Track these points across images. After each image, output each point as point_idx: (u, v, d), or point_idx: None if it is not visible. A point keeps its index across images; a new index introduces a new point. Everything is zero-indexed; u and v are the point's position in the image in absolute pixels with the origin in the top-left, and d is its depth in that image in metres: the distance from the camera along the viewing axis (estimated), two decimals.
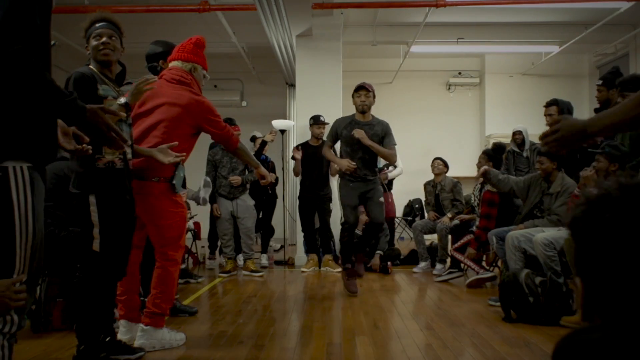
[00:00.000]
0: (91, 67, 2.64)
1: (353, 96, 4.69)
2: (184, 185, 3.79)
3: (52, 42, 2.51)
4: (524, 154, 5.82)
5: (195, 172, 5.46)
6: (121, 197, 2.61)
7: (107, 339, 2.65)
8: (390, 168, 6.77)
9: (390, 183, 6.99)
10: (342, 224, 4.65)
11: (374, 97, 4.67)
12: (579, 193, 3.89)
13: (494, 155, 5.33)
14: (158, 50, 3.58)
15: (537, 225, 4.21)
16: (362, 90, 4.61)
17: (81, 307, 2.58)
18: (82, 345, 2.56)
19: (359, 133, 4.46)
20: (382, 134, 4.61)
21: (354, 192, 4.57)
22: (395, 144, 4.70)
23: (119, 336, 3.06)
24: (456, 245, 5.23)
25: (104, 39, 2.62)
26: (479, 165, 5.37)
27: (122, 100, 2.60)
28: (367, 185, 4.58)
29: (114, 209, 2.57)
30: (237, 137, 3.37)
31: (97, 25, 2.63)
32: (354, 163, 4.47)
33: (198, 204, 5.43)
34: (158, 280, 2.99)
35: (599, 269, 0.85)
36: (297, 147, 6.28)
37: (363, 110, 4.60)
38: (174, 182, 2.97)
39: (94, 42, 2.62)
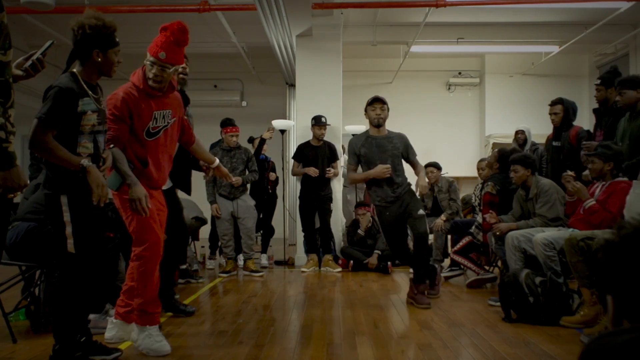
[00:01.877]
0: (76, 72, 2.56)
1: (366, 110, 4.37)
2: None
3: (51, 41, 2.50)
4: None
5: (195, 173, 5.44)
6: (91, 198, 2.57)
7: (82, 339, 2.63)
8: None
9: None
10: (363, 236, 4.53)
11: (389, 110, 4.40)
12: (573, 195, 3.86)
13: (502, 159, 5.20)
14: None
15: (530, 226, 4.22)
16: (377, 103, 4.31)
17: (57, 307, 2.56)
18: (57, 345, 2.55)
19: (422, 189, 4.25)
20: (403, 148, 4.38)
21: (391, 218, 4.28)
22: (416, 155, 4.50)
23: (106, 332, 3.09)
24: (456, 248, 5.21)
25: (119, 57, 2.64)
26: (487, 165, 5.29)
27: (85, 163, 2.47)
28: (401, 202, 4.28)
29: (85, 209, 2.55)
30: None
31: (116, 40, 2.62)
32: (388, 165, 4.19)
33: None
34: (129, 277, 2.98)
35: (630, 288, 0.92)
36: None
37: (378, 124, 4.31)
38: (107, 180, 2.75)
39: (115, 58, 2.60)
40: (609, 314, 0.96)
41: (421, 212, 4.26)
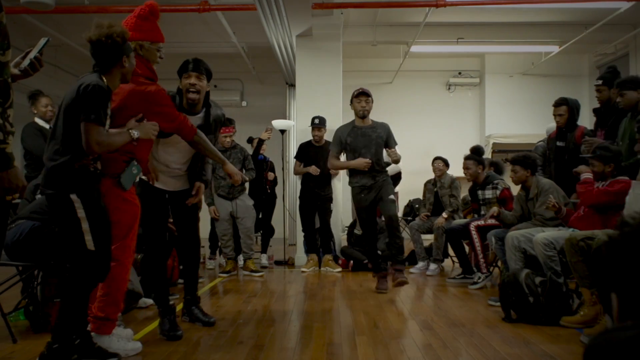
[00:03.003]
0: (104, 78, 2.57)
1: (352, 102, 4.76)
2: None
3: (47, 39, 2.49)
4: None
5: None
6: (98, 195, 2.58)
7: (77, 342, 2.56)
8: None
9: (395, 181, 6.87)
10: (360, 235, 4.79)
11: (373, 102, 4.79)
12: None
13: (479, 158, 5.40)
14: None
15: (534, 225, 4.23)
16: (363, 96, 4.71)
17: (65, 306, 2.52)
18: (56, 344, 2.49)
19: (392, 153, 4.61)
20: (385, 136, 4.74)
21: (366, 200, 4.71)
22: (397, 144, 4.84)
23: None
24: (480, 222, 5.00)
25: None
26: (467, 173, 5.36)
27: (135, 134, 2.62)
28: (377, 188, 4.68)
29: (97, 206, 2.54)
30: (193, 128, 3.08)
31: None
32: (369, 160, 4.60)
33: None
34: (104, 282, 2.78)
35: (636, 285, 0.91)
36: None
37: (363, 115, 4.72)
38: (121, 179, 2.76)
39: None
40: (614, 312, 0.96)
41: (391, 197, 4.66)
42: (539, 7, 7.47)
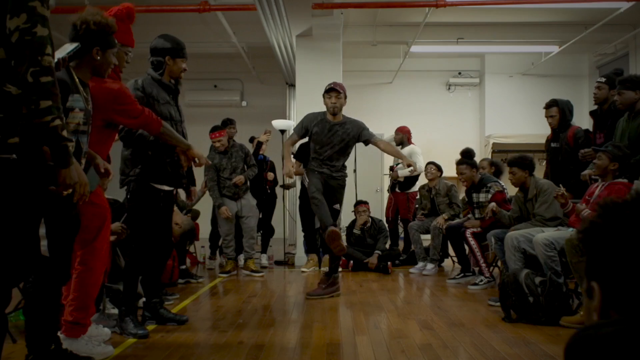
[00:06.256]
0: (70, 66, 2.47)
1: (324, 97, 4.67)
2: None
3: (77, 45, 2.46)
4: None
5: (196, 177, 5.44)
6: (66, 199, 2.40)
7: (52, 347, 2.47)
8: (400, 165, 6.66)
9: (412, 182, 6.85)
10: (360, 235, 4.60)
11: (345, 97, 4.65)
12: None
13: (472, 161, 5.36)
14: (166, 45, 3.41)
15: (533, 225, 4.23)
16: (333, 92, 4.58)
17: (31, 315, 2.41)
18: (31, 355, 2.40)
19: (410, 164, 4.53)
20: (356, 133, 4.61)
21: (320, 183, 4.52)
22: (374, 136, 4.71)
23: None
24: (475, 229, 5.02)
25: (115, 60, 2.66)
26: (462, 177, 5.25)
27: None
28: (332, 179, 4.56)
29: (59, 210, 2.39)
30: (158, 120, 3.05)
31: (115, 41, 2.61)
32: (293, 178, 4.52)
33: None
34: (73, 286, 2.75)
35: (618, 271, 0.87)
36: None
37: (334, 112, 4.59)
38: None
39: (112, 59, 2.61)
40: (595, 302, 0.92)
41: (337, 206, 4.59)
42: (539, 7, 7.47)
